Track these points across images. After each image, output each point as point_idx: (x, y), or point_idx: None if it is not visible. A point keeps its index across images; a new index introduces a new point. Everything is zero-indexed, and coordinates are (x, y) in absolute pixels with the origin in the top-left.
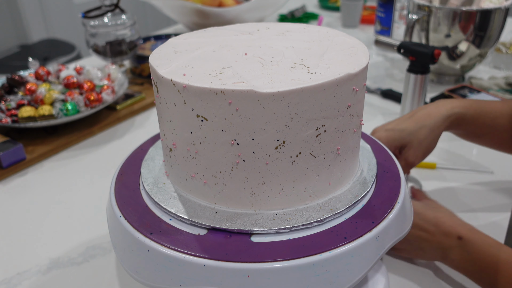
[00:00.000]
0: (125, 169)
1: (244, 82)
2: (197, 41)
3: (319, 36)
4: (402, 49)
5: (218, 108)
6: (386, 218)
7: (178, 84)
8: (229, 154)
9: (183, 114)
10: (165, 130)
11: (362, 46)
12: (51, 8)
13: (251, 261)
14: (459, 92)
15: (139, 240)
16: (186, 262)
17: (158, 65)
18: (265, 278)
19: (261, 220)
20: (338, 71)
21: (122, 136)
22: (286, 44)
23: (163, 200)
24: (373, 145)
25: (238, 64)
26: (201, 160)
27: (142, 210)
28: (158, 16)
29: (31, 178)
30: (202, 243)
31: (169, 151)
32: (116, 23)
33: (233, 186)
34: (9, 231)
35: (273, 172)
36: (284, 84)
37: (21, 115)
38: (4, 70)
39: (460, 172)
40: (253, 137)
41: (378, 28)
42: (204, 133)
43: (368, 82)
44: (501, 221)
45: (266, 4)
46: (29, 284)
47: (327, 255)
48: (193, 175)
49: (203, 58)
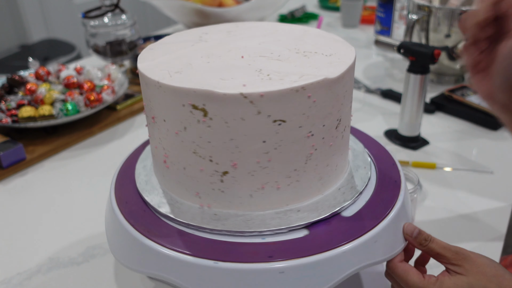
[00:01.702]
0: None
1: (305, 75)
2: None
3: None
4: (402, 49)
5: (298, 105)
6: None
7: (251, 95)
8: (304, 148)
9: (255, 125)
10: (216, 156)
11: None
12: (51, 8)
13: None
14: (459, 92)
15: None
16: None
17: (217, 86)
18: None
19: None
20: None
21: (122, 136)
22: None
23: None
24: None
25: (269, 63)
26: (275, 166)
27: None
28: (158, 16)
29: (31, 178)
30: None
31: (219, 179)
32: (116, 23)
33: (306, 179)
34: (9, 231)
35: (336, 149)
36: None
37: (21, 115)
38: (4, 70)
39: (460, 172)
40: (323, 123)
41: (378, 28)
42: (280, 136)
43: (368, 82)
44: (501, 221)
45: (266, 4)
46: (29, 284)
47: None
48: (263, 186)
49: (235, 66)
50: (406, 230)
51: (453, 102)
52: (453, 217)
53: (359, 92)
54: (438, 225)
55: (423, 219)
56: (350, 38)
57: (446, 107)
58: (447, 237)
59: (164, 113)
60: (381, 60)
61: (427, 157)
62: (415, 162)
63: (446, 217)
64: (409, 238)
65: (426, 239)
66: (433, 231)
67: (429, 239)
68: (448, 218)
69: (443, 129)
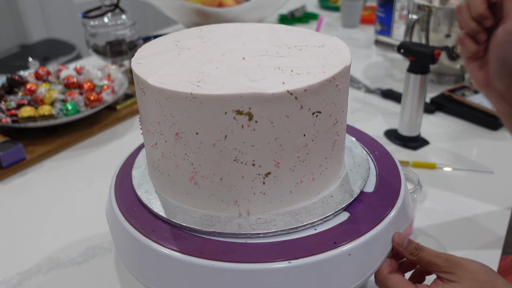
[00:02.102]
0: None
1: (326, 66)
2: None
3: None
4: (402, 49)
5: (329, 94)
6: None
7: (296, 91)
8: (332, 136)
9: (298, 120)
10: (259, 158)
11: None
12: (51, 8)
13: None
14: (459, 92)
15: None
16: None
17: (261, 88)
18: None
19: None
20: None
21: (122, 136)
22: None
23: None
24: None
25: (279, 60)
26: (312, 158)
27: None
28: (158, 16)
29: (31, 178)
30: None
31: (262, 181)
32: (116, 23)
33: (332, 165)
34: (9, 231)
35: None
36: None
37: (21, 115)
38: (4, 70)
39: (460, 172)
40: (343, 109)
41: (378, 28)
42: (317, 127)
43: (368, 82)
44: (501, 221)
45: (266, 4)
46: (29, 284)
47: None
48: (301, 180)
49: (249, 67)
50: (396, 240)
51: (453, 102)
52: (453, 217)
53: (359, 92)
54: (438, 225)
55: (423, 219)
56: (350, 38)
57: (446, 107)
58: (447, 237)
59: (197, 126)
60: (381, 60)
61: (427, 157)
62: (415, 162)
63: (446, 217)
64: (399, 248)
65: (416, 248)
66: (433, 231)
67: (419, 248)
68: (448, 218)
69: (443, 129)
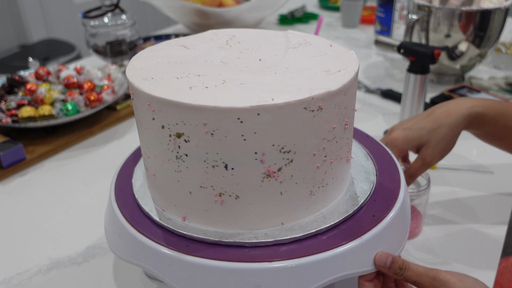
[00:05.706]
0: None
1: (330, 69)
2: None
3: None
4: (402, 49)
5: (342, 95)
6: None
7: (317, 96)
8: (343, 137)
9: (314, 125)
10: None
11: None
12: (51, 8)
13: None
14: (459, 92)
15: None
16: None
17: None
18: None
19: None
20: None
21: (122, 136)
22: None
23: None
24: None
25: (282, 69)
26: (326, 165)
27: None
28: (158, 16)
29: (31, 178)
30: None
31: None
32: (116, 23)
33: (339, 168)
34: (9, 231)
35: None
36: None
37: (21, 115)
38: (4, 70)
39: (460, 172)
40: (346, 106)
41: (378, 28)
42: (333, 134)
43: (368, 82)
44: (501, 221)
45: (266, 4)
46: (29, 284)
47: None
48: (326, 185)
49: (269, 81)
50: (378, 262)
51: None
52: (453, 217)
53: (359, 92)
54: (438, 226)
55: (423, 219)
56: (350, 38)
57: None
58: (446, 238)
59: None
60: (381, 60)
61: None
62: None
63: (446, 217)
64: (383, 269)
65: (401, 268)
66: (432, 231)
67: (404, 267)
68: (448, 219)
69: None
